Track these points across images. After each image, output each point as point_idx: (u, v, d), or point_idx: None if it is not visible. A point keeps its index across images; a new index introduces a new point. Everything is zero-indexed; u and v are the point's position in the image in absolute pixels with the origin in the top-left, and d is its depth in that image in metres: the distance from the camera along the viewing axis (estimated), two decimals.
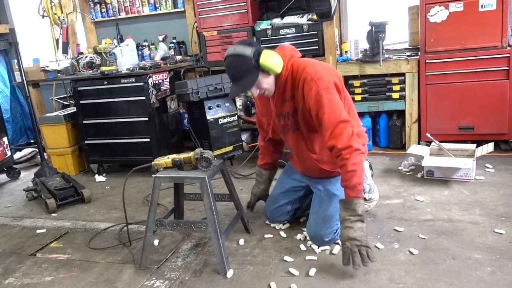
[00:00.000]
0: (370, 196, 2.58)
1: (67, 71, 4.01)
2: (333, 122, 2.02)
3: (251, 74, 2.08)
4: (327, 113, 2.03)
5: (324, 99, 2.03)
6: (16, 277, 2.29)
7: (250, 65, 2.05)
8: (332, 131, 2.02)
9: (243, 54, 2.04)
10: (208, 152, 2.15)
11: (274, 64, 2.09)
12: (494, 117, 3.40)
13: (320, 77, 2.06)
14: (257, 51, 2.06)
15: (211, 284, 2.03)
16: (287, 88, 2.18)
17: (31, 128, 4.98)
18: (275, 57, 2.10)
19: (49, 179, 3.48)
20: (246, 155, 3.83)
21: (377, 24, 3.54)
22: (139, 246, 2.39)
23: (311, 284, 1.95)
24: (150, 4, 4.58)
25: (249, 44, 2.10)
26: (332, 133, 2.02)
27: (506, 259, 1.99)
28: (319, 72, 2.09)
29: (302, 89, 2.10)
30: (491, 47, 3.32)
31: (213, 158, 2.15)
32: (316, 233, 2.24)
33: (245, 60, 2.04)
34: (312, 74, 2.07)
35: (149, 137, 3.70)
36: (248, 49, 2.05)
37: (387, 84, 3.68)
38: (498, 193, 2.73)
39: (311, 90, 2.05)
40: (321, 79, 2.06)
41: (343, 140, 2.00)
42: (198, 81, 3.58)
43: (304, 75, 2.09)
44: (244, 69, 2.07)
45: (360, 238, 1.93)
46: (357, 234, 1.94)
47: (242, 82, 2.12)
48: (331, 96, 2.04)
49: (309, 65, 2.12)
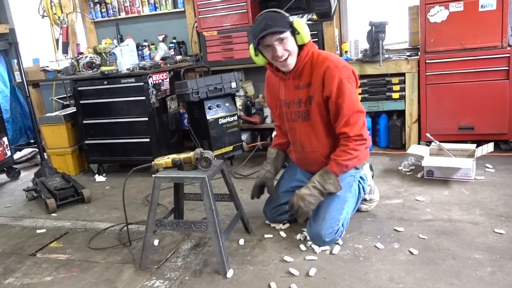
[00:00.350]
0: (371, 196, 2.58)
1: (67, 71, 4.01)
2: (351, 110, 2.13)
3: (285, 24, 2.12)
4: (347, 101, 2.12)
5: (346, 87, 2.12)
6: (16, 277, 2.29)
7: (285, 20, 2.12)
8: (348, 119, 2.13)
9: (281, 12, 2.15)
10: (208, 152, 2.15)
11: (305, 31, 2.14)
12: (494, 117, 3.40)
13: (343, 66, 2.16)
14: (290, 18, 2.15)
15: (211, 284, 2.03)
16: (304, 73, 2.22)
17: (31, 128, 4.98)
18: (306, 27, 2.15)
19: (49, 179, 3.48)
20: (246, 155, 3.83)
21: (377, 24, 3.54)
22: (139, 246, 2.39)
23: (311, 284, 1.95)
24: (150, 4, 4.58)
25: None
26: (347, 121, 2.14)
27: (506, 259, 1.99)
28: (341, 62, 2.19)
29: (322, 76, 2.15)
30: (491, 47, 3.32)
31: (213, 158, 2.15)
32: (317, 233, 2.23)
33: (282, 15, 2.14)
34: (336, 62, 2.16)
35: (149, 137, 3.70)
36: (285, 13, 2.16)
37: (387, 84, 3.68)
38: (498, 193, 2.73)
39: (334, 78, 2.12)
40: (344, 68, 2.15)
41: (355, 129, 2.14)
42: (198, 81, 3.58)
43: (327, 63, 2.15)
44: (279, 22, 2.11)
45: (307, 202, 2.18)
46: (308, 198, 2.17)
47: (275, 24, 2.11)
48: (352, 86, 2.17)
49: (330, 55, 2.22)
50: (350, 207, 2.35)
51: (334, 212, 2.22)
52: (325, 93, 2.15)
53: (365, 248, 2.21)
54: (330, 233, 2.21)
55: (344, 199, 2.27)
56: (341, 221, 2.24)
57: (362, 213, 2.58)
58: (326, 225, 2.21)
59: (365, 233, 2.37)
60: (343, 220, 2.26)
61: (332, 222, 2.21)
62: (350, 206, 2.34)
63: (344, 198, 2.28)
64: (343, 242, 2.27)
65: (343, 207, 2.26)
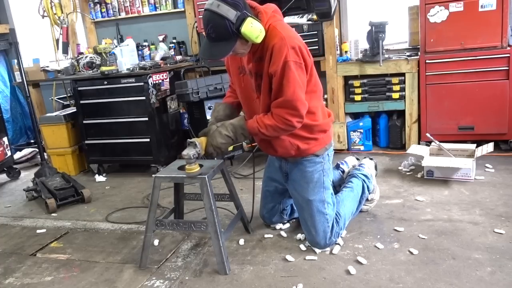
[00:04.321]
0: (372, 196, 2.58)
1: (67, 71, 4.01)
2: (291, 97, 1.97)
3: (230, 40, 1.94)
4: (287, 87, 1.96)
5: (291, 70, 1.95)
6: (16, 277, 2.29)
7: (230, 31, 1.89)
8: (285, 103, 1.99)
9: (226, 17, 1.87)
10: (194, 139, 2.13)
11: (256, 35, 1.92)
12: (494, 117, 3.40)
13: (293, 46, 1.96)
14: (241, 17, 1.88)
15: (211, 284, 2.03)
16: (259, 47, 2.04)
17: (31, 128, 4.98)
18: (259, 29, 1.93)
19: (49, 179, 3.48)
20: (246, 155, 3.83)
21: (377, 24, 3.54)
22: (139, 246, 2.39)
23: (311, 284, 1.95)
24: (150, 4, 4.57)
25: (235, 5, 1.88)
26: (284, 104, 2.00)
27: (506, 259, 2.00)
28: (293, 40, 1.97)
29: (271, 51, 1.97)
30: (491, 47, 3.32)
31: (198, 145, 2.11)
32: (312, 241, 2.25)
33: (226, 24, 1.88)
34: (286, 39, 1.95)
35: (149, 137, 3.70)
36: (232, 12, 1.87)
37: (387, 84, 3.68)
38: (498, 193, 2.73)
39: (281, 57, 1.94)
40: (293, 49, 1.96)
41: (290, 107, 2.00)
42: (198, 81, 3.58)
43: (276, 40, 1.96)
44: (223, 33, 1.91)
45: (221, 150, 2.13)
46: (222, 147, 2.12)
47: (218, 46, 1.96)
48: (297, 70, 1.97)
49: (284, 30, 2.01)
50: (328, 199, 2.25)
51: (317, 216, 2.21)
52: (270, 69, 2.00)
53: (365, 248, 2.21)
54: (324, 237, 2.21)
55: (321, 198, 2.23)
56: (329, 218, 2.22)
57: (362, 213, 2.58)
58: (318, 230, 2.21)
59: (365, 233, 2.37)
60: (330, 217, 2.22)
61: (323, 227, 2.20)
62: (330, 199, 2.26)
63: (321, 197, 2.23)
64: (343, 242, 2.27)
65: (324, 206, 2.22)
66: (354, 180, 2.52)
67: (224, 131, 2.11)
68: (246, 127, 2.09)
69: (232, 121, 2.14)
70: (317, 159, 2.23)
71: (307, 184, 2.22)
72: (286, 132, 2.09)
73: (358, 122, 3.86)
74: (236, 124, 2.11)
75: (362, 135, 3.84)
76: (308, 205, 2.23)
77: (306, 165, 2.22)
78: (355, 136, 3.86)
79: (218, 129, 2.12)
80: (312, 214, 2.22)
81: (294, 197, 2.33)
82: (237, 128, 2.11)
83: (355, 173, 2.59)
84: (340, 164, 2.75)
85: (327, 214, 2.22)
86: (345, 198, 2.40)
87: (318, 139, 2.20)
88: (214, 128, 2.14)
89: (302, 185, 2.25)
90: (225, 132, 2.10)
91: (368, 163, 2.70)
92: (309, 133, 2.17)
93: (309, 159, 2.22)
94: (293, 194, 2.33)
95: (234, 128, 2.11)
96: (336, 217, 2.28)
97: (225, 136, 2.10)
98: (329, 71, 3.78)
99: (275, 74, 1.98)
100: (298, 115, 2.01)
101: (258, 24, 1.94)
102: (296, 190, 2.28)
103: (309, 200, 2.22)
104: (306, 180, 2.23)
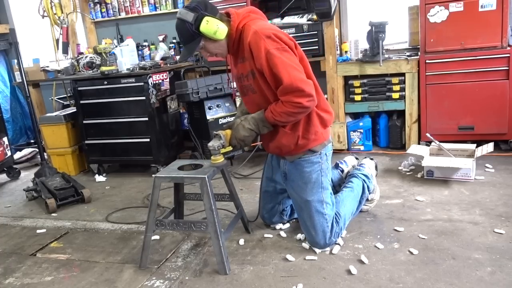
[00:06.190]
0: (372, 196, 2.58)
1: (67, 71, 4.02)
2: (291, 79, 1.97)
3: (193, 40, 2.09)
4: (283, 72, 1.97)
5: (276, 57, 1.97)
6: (16, 277, 2.29)
7: (190, 31, 2.05)
8: (289, 88, 1.99)
9: (185, 20, 2.04)
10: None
11: (214, 31, 2.03)
12: (494, 117, 3.40)
13: (268, 35, 1.99)
14: (199, 18, 2.01)
15: (211, 284, 2.03)
16: (239, 48, 2.13)
17: (31, 128, 4.99)
18: (216, 25, 2.03)
19: (49, 179, 3.48)
20: (246, 155, 3.83)
21: (377, 24, 3.54)
22: (139, 246, 2.39)
23: (311, 284, 1.95)
24: (150, 4, 4.58)
25: (194, 8, 2.03)
26: (289, 89, 2.00)
27: (506, 259, 2.00)
28: (266, 31, 2.01)
29: (250, 49, 2.04)
30: (491, 47, 3.32)
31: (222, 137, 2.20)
32: (312, 241, 2.25)
33: (186, 26, 2.05)
34: (260, 32, 2.00)
35: (149, 137, 3.70)
36: (190, 14, 2.02)
37: (387, 84, 3.68)
38: (498, 193, 2.73)
39: (261, 50, 1.99)
40: (269, 38, 1.99)
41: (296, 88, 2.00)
42: (198, 81, 3.58)
43: (250, 36, 2.02)
44: (186, 35, 2.08)
45: (245, 143, 2.21)
46: (246, 140, 2.19)
47: (187, 48, 2.14)
48: (282, 55, 1.99)
49: (257, 24, 2.06)
50: (327, 199, 2.25)
51: (316, 216, 2.21)
52: (257, 65, 2.04)
53: (365, 248, 2.21)
54: (324, 237, 2.21)
55: (319, 199, 2.22)
56: (328, 218, 2.22)
57: (362, 213, 2.58)
58: (317, 231, 2.21)
59: (365, 233, 2.37)
60: (329, 217, 2.22)
61: (322, 228, 2.20)
62: (328, 199, 2.26)
63: (319, 198, 2.22)
64: (343, 242, 2.27)
65: (322, 206, 2.22)
66: (354, 180, 2.52)
67: (247, 124, 2.17)
68: (265, 119, 2.13)
69: (254, 115, 2.19)
70: (315, 158, 2.22)
71: (305, 184, 2.22)
72: (302, 114, 2.10)
73: (358, 122, 3.86)
74: (257, 118, 2.16)
75: (362, 135, 3.84)
76: (307, 205, 2.23)
77: (304, 166, 2.22)
78: (355, 136, 3.87)
79: (241, 123, 2.18)
80: (311, 214, 2.22)
81: (293, 197, 2.33)
82: (258, 121, 2.15)
83: (355, 173, 2.59)
84: (339, 164, 2.75)
85: (326, 214, 2.22)
86: (345, 198, 2.40)
87: (318, 133, 2.18)
88: (238, 122, 2.21)
89: (300, 186, 2.25)
90: (248, 126, 2.17)
91: (369, 163, 2.71)
92: (308, 122, 2.16)
93: (306, 159, 2.22)
94: (292, 195, 2.33)
95: (256, 122, 2.16)
96: (336, 217, 2.27)
97: (248, 129, 2.17)
98: (329, 71, 3.78)
99: (263, 68, 2.02)
100: (305, 95, 2.00)
101: (215, 21, 2.05)
102: (295, 190, 2.28)
103: (307, 200, 2.22)
104: (304, 181, 2.23)
